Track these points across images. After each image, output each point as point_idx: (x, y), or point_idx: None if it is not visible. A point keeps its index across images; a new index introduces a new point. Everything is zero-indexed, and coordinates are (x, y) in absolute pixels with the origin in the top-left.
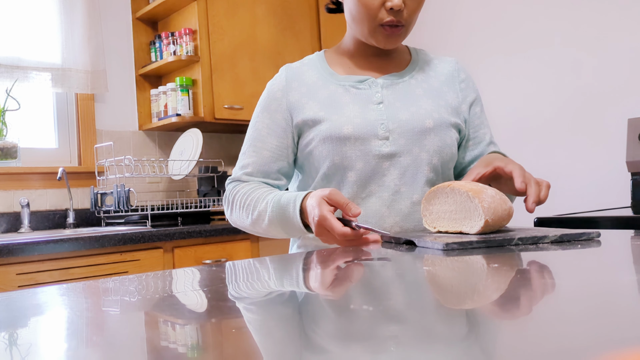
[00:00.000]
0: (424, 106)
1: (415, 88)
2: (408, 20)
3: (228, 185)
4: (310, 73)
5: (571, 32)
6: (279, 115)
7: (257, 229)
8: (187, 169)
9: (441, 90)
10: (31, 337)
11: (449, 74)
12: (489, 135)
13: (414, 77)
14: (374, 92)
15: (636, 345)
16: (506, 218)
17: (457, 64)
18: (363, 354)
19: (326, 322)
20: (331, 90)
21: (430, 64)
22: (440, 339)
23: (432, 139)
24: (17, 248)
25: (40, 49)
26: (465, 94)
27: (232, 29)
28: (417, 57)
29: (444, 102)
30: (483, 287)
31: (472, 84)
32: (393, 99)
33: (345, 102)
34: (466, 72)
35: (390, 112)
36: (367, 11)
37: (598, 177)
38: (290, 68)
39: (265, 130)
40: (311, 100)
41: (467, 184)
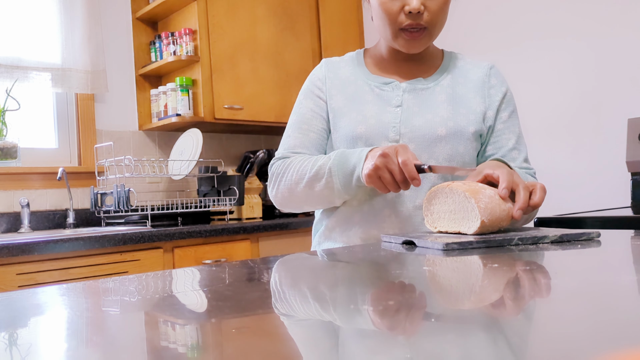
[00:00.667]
0: (440, 113)
1: (439, 95)
2: (431, 23)
3: (275, 162)
4: (345, 69)
5: (571, 32)
6: (321, 102)
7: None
8: (187, 169)
9: (466, 97)
10: (31, 337)
11: (479, 80)
12: (513, 141)
13: (439, 83)
14: (395, 95)
15: (636, 345)
16: (505, 219)
17: (490, 70)
18: (363, 353)
19: (326, 321)
20: (358, 86)
21: (462, 69)
22: (440, 339)
23: (443, 147)
24: (17, 248)
25: (40, 49)
26: (493, 100)
27: (232, 29)
28: (449, 62)
29: (467, 109)
30: (482, 288)
31: (503, 89)
32: (412, 103)
33: (367, 100)
34: (498, 78)
35: (405, 116)
36: (388, 16)
37: (598, 177)
38: (329, 61)
39: (310, 114)
40: (339, 93)
41: (466, 184)
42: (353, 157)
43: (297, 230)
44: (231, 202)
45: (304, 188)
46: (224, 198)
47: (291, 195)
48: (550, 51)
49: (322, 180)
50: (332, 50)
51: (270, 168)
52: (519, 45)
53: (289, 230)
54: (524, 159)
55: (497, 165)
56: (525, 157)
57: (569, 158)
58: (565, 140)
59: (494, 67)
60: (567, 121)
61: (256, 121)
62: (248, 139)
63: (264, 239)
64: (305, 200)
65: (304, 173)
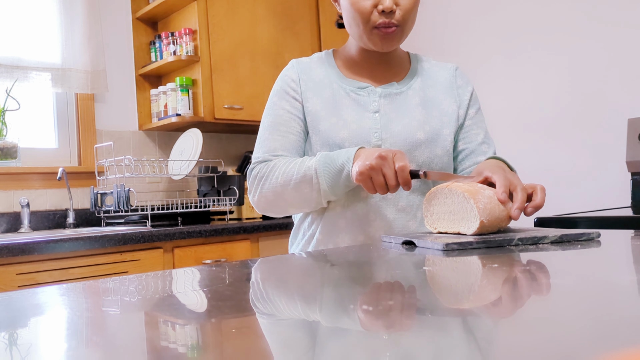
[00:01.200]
0: (417, 117)
1: (412, 98)
2: (402, 21)
3: (257, 165)
4: (318, 70)
5: (571, 32)
6: (297, 103)
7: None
8: (187, 169)
9: (437, 98)
10: (31, 337)
11: (447, 82)
12: (482, 136)
13: (411, 87)
14: (371, 100)
15: (636, 346)
16: (505, 219)
17: (455, 71)
18: (363, 353)
19: (326, 322)
20: (334, 89)
21: (430, 71)
22: (440, 339)
23: (422, 150)
24: (17, 248)
25: (40, 49)
26: (463, 99)
27: (232, 29)
28: (416, 65)
29: (439, 111)
30: (482, 288)
31: (470, 88)
32: (389, 109)
33: (345, 105)
34: (464, 78)
35: (384, 122)
36: (360, 15)
37: (598, 177)
38: (299, 62)
39: (287, 116)
40: (315, 95)
41: (465, 185)
42: (340, 157)
43: None
44: (231, 202)
45: (291, 190)
46: (224, 198)
47: (276, 199)
48: (550, 51)
49: (309, 181)
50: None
51: (251, 172)
52: (518, 45)
53: (289, 230)
54: (493, 152)
55: (496, 166)
56: (494, 151)
57: (569, 158)
58: (565, 140)
59: (459, 69)
60: (567, 121)
61: (256, 121)
62: (248, 139)
63: (264, 239)
64: (291, 203)
65: (290, 175)
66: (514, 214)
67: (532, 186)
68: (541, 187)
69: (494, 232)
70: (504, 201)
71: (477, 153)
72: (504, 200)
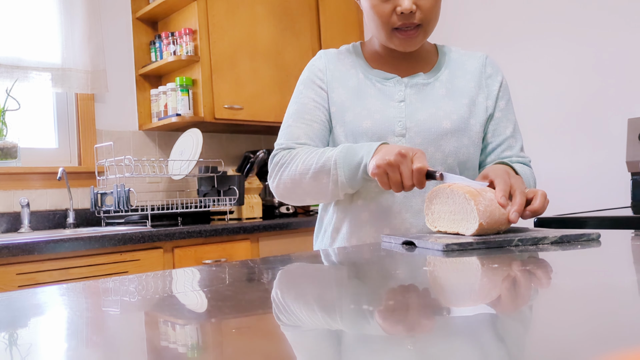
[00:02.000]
0: (443, 107)
1: (439, 89)
2: (424, 21)
3: (279, 152)
4: (345, 60)
5: (571, 32)
6: (322, 92)
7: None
8: (187, 169)
9: (466, 88)
10: (31, 337)
11: (476, 71)
12: (511, 129)
13: (439, 78)
14: (397, 90)
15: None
16: (504, 222)
17: (485, 60)
18: (364, 353)
19: (326, 322)
20: (360, 79)
21: (459, 61)
22: (439, 339)
23: (449, 140)
24: (17, 248)
25: (40, 49)
26: (491, 89)
27: (232, 29)
28: (444, 56)
29: (468, 100)
30: (482, 288)
31: (499, 78)
32: (415, 99)
33: (370, 94)
34: (494, 67)
35: (409, 111)
36: (380, 18)
37: (598, 177)
38: (327, 52)
39: (312, 104)
40: (341, 86)
41: (467, 186)
42: (361, 150)
43: (297, 230)
44: (231, 202)
45: (309, 180)
46: (224, 198)
47: (294, 187)
48: (550, 51)
49: (327, 172)
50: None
51: (273, 158)
52: (518, 45)
53: (289, 230)
54: (520, 147)
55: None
56: (522, 145)
57: (569, 158)
58: (565, 140)
59: (489, 57)
60: (567, 121)
61: (256, 121)
62: (248, 139)
63: (264, 239)
64: (308, 193)
65: (309, 165)
66: (511, 216)
67: (533, 191)
68: (542, 192)
69: (494, 233)
70: (503, 204)
71: (503, 147)
72: (503, 204)
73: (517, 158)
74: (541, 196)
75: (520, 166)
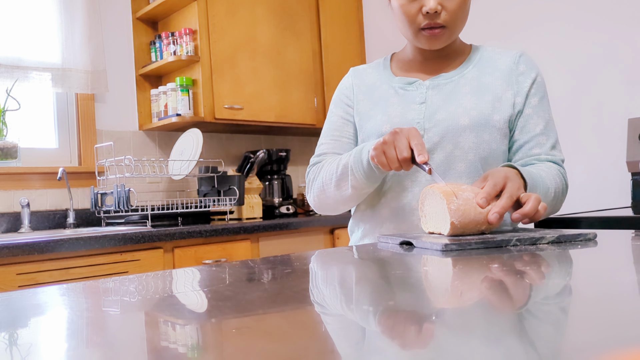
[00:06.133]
0: (464, 104)
1: (462, 87)
2: (450, 22)
3: (311, 168)
4: (372, 75)
5: (571, 32)
6: (349, 109)
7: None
8: (187, 169)
9: (493, 85)
10: (31, 337)
11: (507, 68)
12: (541, 126)
13: (464, 75)
14: (419, 93)
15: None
16: (483, 221)
17: (519, 57)
18: (364, 353)
19: (325, 322)
20: (384, 90)
21: (490, 59)
22: (438, 339)
23: (467, 136)
24: (17, 248)
25: (40, 49)
26: (522, 86)
27: (232, 29)
28: (475, 54)
29: (492, 96)
30: (480, 288)
31: (533, 74)
32: (436, 99)
33: (392, 102)
34: (527, 64)
35: (429, 112)
36: (407, 17)
37: (598, 177)
38: (356, 70)
39: (340, 121)
40: (366, 98)
41: (447, 185)
42: (367, 146)
43: (297, 230)
44: (231, 202)
45: (334, 190)
46: (224, 198)
47: (325, 198)
48: (550, 50)
49: (346, 179)
50: (332, 50)
51: (307, 175)
52: (518, 45)
53: (289, 230)
54: (551, 145)
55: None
56: (554, 143)
57: (569, 158)
58: (565, 140)
59: (524, 55)
60: (567, 121)
61: (256, 121)
62: (248, 139)
63: (264, 239)
64: (337, 201)
65: (330, 176)
66: (490, 217)
67: (527, 195)
68: (536, 196)
69: (492, 232)
70: (481, 205)
71: (532, 144)
72: (481, 205)
73: (547, 156)
74: (534, 200)
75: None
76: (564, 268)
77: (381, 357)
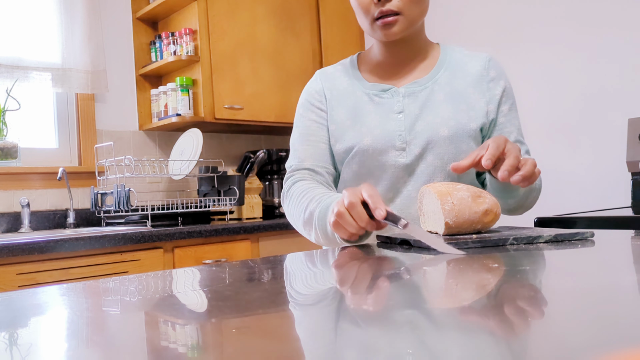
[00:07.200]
0: (441, 114)
1: (437, 93)
2: (403, 7)
3: (288, 179)
4: (341, 79)
5: (571, 32)
6: (322, 113)
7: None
8: (187, 169)
9: (466, 92)
10: (31, 337)
11: (478, 74)
12: (515, 134)
13: (437, 81)
14: (395, 101)
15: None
16: (478, 221)
17: (488, 62)
18: (364, 353)
19: (325, 322)
20: (357, 97)
21: (460, 62)
22: (438, 339)
23: (447, 147)
24: (17, 248)
25: (41, 49)
26: (494, 93)
27: (232, 29)
28: (445, 57)
29: (466, 105)
30: (478, 287)
31: (502, 82)
32: (413, 107)
33: (368, 111)
34: (497, 69)
35: (408, 122)
36: (362, 9)
37: (598, 177)
38: (323, 72)
39: (315, 125)
40: (339, 105)
41: (442, 185)
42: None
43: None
44: (231, 202)
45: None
46: (224, 198)
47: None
48: (550, 50)
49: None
50: (332, 50)
51: (285, 181)
52: (518, 44)
53: (289, 230)
54: (525, 151)
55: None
56: (527, 150)
57: (569, 158)
58: (565, 140)
59: (493, 59)
60: (567, 121)
61: (256, 121)
62: (248, 139)
63: (264, 239)
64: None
65: (298, 213)
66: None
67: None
68: (532, 161)
69: (489, 232)
70: (488, 167)
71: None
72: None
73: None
74: (531, 164)
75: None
76: (561, 267)
77: (381, 357)
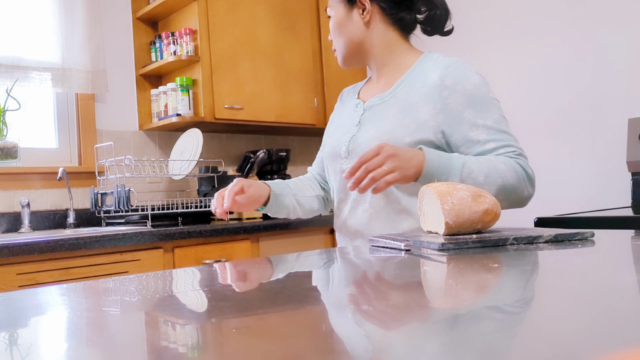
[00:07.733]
0: (383, 127)
1: (390, 107)
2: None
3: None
4: (350, 94)
5: (571, 31)
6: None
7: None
8: (187, 169)
9: (416, 105)
10: (31, 337)
11: (432, 84)
12: (484, 134)
13: (395, 95)
14: (357, 114)
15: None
16: (479, 220)
17: (446, 69)
18: (364, 353)
19: (324, 322)
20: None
21: (423, 73)
22: (437, 338)
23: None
24: (17, 248)
25: (41, 49)
26: (447, 102)
27: (232, 29)
28: (415, 69)
29: (411, 119)
30: (478, 287)
31: (460, 87)
32: (367, 120)
33: (340, 123)
34: (455, 76)
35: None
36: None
37: (598, 177)
38: (346, 90)
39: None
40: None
41: (442, 185)
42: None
43: (297, 230)
44: None
45: None
46: None
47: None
48: (550, 50)
49: None
50: (332, 51)
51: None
52: (518, 44)
53: (289, 230)
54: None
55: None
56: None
57: (568, 158)
58: (565, 140)
59: (453, 64)
60: (567, 121)
61: (256, 121)
62: (248, 139)
63: (264, 239)
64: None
65: None
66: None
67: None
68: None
69: (489, 232)
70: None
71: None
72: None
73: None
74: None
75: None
76: (561, 267)
77: (382, 356)
